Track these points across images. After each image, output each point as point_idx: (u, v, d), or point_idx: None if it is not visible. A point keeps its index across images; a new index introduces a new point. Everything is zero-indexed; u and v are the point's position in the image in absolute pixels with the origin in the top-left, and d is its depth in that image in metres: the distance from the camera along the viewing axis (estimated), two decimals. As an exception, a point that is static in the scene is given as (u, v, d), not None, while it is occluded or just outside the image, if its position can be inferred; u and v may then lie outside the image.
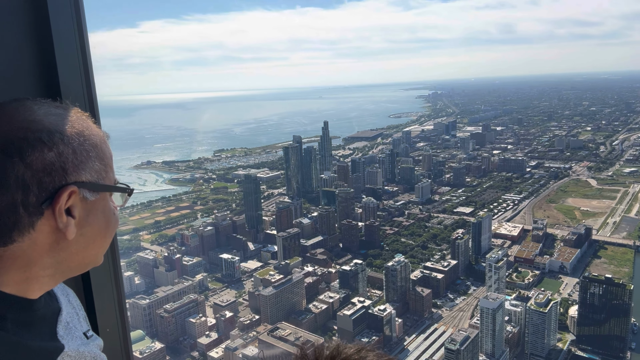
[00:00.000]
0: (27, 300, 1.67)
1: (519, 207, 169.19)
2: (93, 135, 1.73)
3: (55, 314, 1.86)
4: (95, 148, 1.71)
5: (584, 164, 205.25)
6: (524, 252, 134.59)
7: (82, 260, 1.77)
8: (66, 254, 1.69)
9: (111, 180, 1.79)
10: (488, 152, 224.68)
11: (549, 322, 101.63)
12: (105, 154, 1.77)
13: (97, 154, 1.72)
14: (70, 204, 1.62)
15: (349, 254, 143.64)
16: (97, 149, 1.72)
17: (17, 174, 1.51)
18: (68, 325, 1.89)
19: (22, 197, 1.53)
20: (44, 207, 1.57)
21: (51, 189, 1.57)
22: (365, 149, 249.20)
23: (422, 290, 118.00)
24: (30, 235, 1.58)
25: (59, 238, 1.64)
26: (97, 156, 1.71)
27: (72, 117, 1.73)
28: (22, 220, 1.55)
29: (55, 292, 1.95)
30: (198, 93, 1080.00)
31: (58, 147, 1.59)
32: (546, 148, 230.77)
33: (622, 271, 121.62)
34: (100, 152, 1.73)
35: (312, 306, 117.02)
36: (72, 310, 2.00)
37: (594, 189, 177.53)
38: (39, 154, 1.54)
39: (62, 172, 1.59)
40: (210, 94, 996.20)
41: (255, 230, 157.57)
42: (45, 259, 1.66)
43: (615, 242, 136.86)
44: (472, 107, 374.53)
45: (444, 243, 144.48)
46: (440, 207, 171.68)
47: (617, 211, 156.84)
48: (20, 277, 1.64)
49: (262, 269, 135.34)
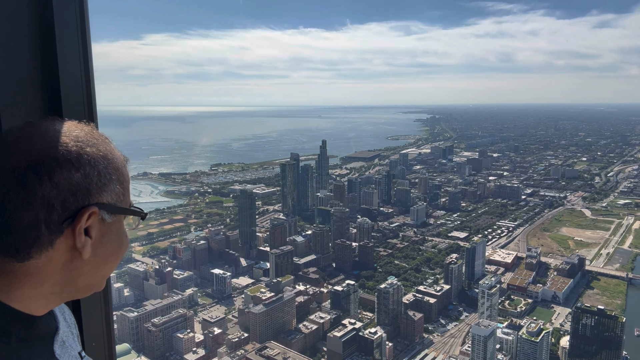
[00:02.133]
0: (32, 317, 1.70)
1: (513, 234, 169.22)
2: (116, 159, 1.78)
3: (53, 332, 1.88)
4: (117, 171, 1.76)
5: (578, 193, 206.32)
6: (517, 279, 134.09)
7: (90, 281, 1.80)
8: (77, 274, 1.72)
9: (127, 203, 1.84)
10: (484, 177, 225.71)
11: (540, 352, 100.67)
12: (124, 177, 1.82)
13: (118, 177, 1.77)
14: (89, 224, 1.65)
15: (342, 274, 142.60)
16: (118, 173, 1.77)
17: (44, 193, 1.55)
18: (64, 344, 1.92)
19: (46, 215, 1.57)
20: (64, 225, 1.60)
21: (74, 208, 1.61)
22: (362, 169, 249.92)
23: (414, 314, 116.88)
24: (47, 252, 1.61)
25: (73, 257, 1.67)
26: (117, 179, 1.76)
27: (98, 139, 1.77)
28: (42, 237, 1.58)
29: (54, 310, 1.97)
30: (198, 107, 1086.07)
31: (85, 168, 1.63)
32: (542, 176, 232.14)
33: (614, 303, 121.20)
34: (120, 176, 1.78)
35: (302, 326, 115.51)
36: (67, 329, 2.03)
37: (588, 219, 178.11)
38: (67, 174, 1.59)
39: (86, 193, 1.63)
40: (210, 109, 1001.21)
41: (248, 246, 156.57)
42: (57, 277, 1.69)
43: (608, 274, 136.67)
44: (470, 132, 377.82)
45: (437, 267, 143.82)
46: (434, 231, 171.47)
47: (611, 242, 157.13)
48: (30, 293, 1.66)
49: (253, 286, 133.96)
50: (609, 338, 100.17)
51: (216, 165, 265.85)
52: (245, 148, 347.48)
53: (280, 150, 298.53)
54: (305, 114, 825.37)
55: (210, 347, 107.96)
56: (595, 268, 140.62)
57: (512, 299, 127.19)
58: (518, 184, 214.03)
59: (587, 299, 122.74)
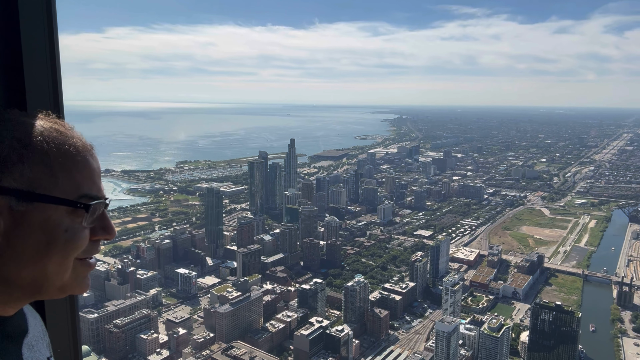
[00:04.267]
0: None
1: (476, 232, 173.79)
2: (39, 141, 1.64)
3: (22, 335, 1.87)
4: (38, 154, 1.62)
5: (538, 193, 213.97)
6: (479, 276, 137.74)
7: (27, 278, 1.69)
8: (3, 269, 1.65)
9: (65, 192, 1.67)
10: (448, 177, 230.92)
11: (501, 347, 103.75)
12: (59, 162, 1.67)
13: (41, 160, 1.62)
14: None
15: (310, 273, 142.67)
16: (40, 155, 1.62)
17: None
18: (33, 348, 1.90)
19: None
20: None
21: None
22: (331, 168, 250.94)
23: (380, 312, 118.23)
24: None
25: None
26: (35, 162, 1.61)
27: (16, 119, 1.68)
28: None
29: (26, 314, 1.97)
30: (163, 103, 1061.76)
31: None
32: (503, 176, 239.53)
33: (571, 299, 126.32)
34: (46, 159, 1.63)
35: (269, 325, 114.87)
36: (38, 334, 2.02)
37: (547, 218, 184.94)
38: None
39: None
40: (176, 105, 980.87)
41: (214, 245, 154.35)
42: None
43: (565, 271, 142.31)
44: (435, 133, 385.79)
45: (403, 265, 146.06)
46: (401, 229, 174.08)
47: (568, 241, 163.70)
48: None
49: (219, 285, 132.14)
50: (566, 333, 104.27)
51: (182, 163, 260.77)
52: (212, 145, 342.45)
53: (249, 148, 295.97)
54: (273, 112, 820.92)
55: (174, 347, 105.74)
56: (554, 265, 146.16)
57: (475, 296, 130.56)
58: (481, 183, 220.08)
59: (545, 295, 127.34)
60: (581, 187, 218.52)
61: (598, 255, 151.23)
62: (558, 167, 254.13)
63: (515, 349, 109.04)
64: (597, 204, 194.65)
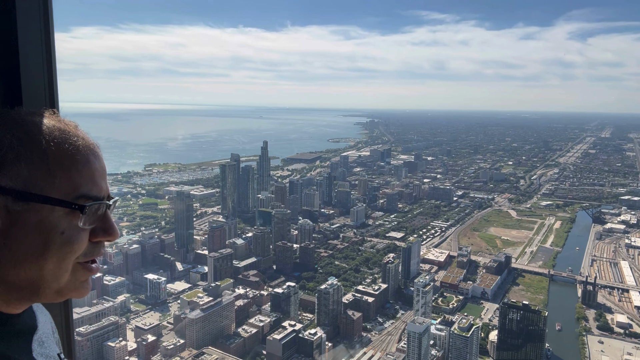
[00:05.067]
0: (6, 315, 1.72)
1: (446, 233, 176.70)
2: (40, 140, 1.61)
3: (32, 332, 1.89)
4: (37, 153, 1.59)
5: (505, 195, 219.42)
6: (449, 277, 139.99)
7: (23, 279, 1.65)
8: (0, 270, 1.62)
9: (63, 192, 1.63)
10: (419, 180, 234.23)
11: (471, 346, 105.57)
12: (58, 161, 1.62)
13: (40, 159, 1.58)
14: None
15: (283, 276, 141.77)
16: (40, 154, 1.59)
17: None
18: (43, 343, 1.92)
19: None
20: None
21: None
22: (304, 171, 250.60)
23: (353, 314, 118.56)
24: None
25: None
26: (37, 161, 1.58)
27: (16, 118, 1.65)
28: None
29: (35, 311, 1.98)
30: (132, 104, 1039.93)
31: None
32: (472, 179, 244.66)
33: (538, 298, 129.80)
34: (44, 158, 1.60)
35: (241, 330, 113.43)
36: (48, 331, 2.04)
37: (514, 220, 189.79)
38: None
39: None
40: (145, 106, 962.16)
41: (185, 250, 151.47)
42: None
43: (532, 271, 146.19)
44: (406, 136, 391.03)
45: (375, 267, 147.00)
46: (373, 231, 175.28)
47: (534, 241, 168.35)
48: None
49: (190, 291, 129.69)
50: (533, 332, 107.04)
51: (150, 166, 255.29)
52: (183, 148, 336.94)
53: (220, 151, 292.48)
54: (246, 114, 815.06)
55: (143, 355, 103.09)
56: (521, 265, 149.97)
57: (445, 296, 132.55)
58: (450, 186, 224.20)
59: (513, 295, 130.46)
60: (546, 189, 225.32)
61: (563, 255, 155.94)
62: (524, 169, 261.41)
63: (485, 348, 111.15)
64: (562, 206, 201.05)
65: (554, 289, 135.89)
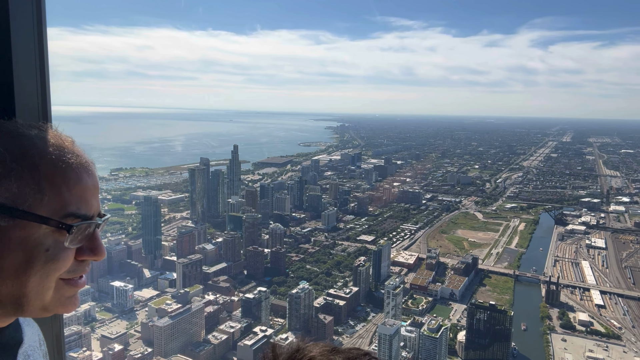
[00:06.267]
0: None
1: (415, 236, 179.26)
2: (32, 154, 1.57)
3: (17, 345, 1.84)
4: (31, 168, 1.55)
5: (472, 198, 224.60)
6: (418, 279, 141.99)
7: (7, 295, 1.60)
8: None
9: (51, 209, 1.58)
10: (389, 183, 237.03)
11: (440, 347, 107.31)
12: (48, 177, 1.58)
13: (31, 175, 1.54)
14: None
15: (254, 282, 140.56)
16: (31, 170, 1.55)
17: None
18: (28, 357, 1.88)
19: None
20: None
21: None
22: (275, 175, 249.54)
23: (324, 318, 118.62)
24: None
25: None
26: (28, 177, 1.54)
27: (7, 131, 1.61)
28: None
29: (21, 324, 1.93)
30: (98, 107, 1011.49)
31: None
32: (440, 182, 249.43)
33: (504, 298, 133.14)
34: (35, 174, 1.56)
35: (211, 337, 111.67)
36: (35, 343, 1.99)
37: (480, 222, 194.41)
38: None
39: None
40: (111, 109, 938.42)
41: (152, 256, 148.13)
42: None
43: (498, 272, 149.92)
44: (376, 140, 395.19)
45: (347, 270, 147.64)
46: (344, 235, 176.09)
47: (500, 243, 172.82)
48: None
49: (158, 298, 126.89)
50: (500, 331, 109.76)
51: (117, 170, 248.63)
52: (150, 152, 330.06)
53: (189, 155, 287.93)
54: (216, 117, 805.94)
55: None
56: (487, 267, 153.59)
57: (415, 298, 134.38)
58: (419, 189, 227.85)
59: (480, 296, 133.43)
60: (511, 192, 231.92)
61: (527, 256, 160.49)
62: (490, 173, 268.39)
63: (453, 349, 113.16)
64: (526, 208, 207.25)
65: (519, 289, 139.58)
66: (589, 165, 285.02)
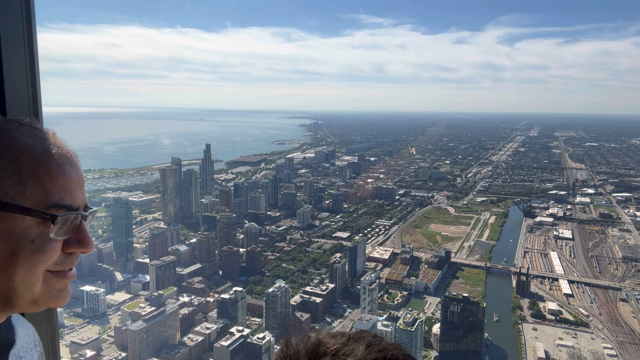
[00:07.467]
0: None
1: (389, 232, 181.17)
2: (13, 145, 1.58)
3: (9, 346, 1.82)
4: (12, 160, 1.56)
5: (444, 193, 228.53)
6: (393, 274, 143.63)
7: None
8: None
9: (35, 201, 1.58)
10: (363, 180, 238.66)
11: (416, 340, 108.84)
12: (30, 169, 1.58)
13: (12, 167, 1.55)
14: None
15: (229, 282, 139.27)
16: (12, 162, 1.56)
17: None
18: (21, 358, 1.86)
19: None
20: None
21: None
22: (249, 174, 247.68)
23: (301, 315, 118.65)
24: None
25: None
26: (8, 169, 1.54)
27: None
28: None
29: (14, 325, 1.91)
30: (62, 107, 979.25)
31: None
32: (412, 178, 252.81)
33: (476, 290, 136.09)
34: (16, 166, 1.56)
35: (186, 339, 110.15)
36: (27, 345, 1.95)
37: (452, 216, 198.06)
38: None
39: None
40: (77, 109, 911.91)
41: (124, 259, 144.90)
42: None
43: (470, 264, 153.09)
44: (350, 138, 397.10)
45: (323, 267, 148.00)
46: (320, 232, 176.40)
47: (472, 236, 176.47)
48: None
49: (131, 302, 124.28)
50: (473, 323, 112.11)
51: (85, 172, 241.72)
52: (119, 152, 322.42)
53: (160, 155, 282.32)
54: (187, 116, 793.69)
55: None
56: (460, 260, 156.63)
57: (390, 293, 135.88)
58: (392, 185, 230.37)
59: (453, 288, 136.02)
60: (481, 186, 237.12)
61: (498, 248, 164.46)
62: (460, 168, 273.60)
63: (429, 341, 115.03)
64: (496, 201, 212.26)
65: (490, 280, 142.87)
66: (555, 158, 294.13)
